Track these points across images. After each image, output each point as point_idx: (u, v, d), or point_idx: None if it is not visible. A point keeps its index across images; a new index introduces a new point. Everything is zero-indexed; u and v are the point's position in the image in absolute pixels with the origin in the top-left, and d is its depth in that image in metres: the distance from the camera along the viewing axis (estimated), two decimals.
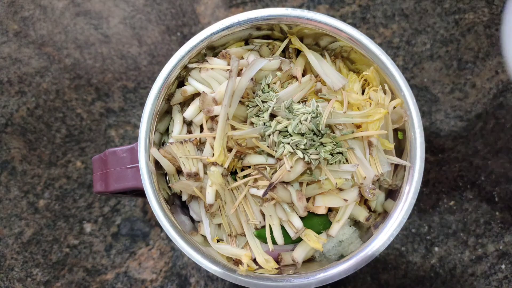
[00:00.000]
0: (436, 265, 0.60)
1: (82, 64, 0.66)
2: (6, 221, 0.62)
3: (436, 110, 0.64)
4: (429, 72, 0.64)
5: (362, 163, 0.42)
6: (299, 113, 0.40)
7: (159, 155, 0.42)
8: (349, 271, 0.40)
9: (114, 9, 0.67)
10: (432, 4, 0.66)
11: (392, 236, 0.41)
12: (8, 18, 0.67)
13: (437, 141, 0.63)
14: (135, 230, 0.62)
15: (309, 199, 0.43)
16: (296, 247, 0.44)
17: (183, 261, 0.61)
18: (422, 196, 0.62)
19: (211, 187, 0.41)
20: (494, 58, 0.64)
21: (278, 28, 0.46)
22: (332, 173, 0.40)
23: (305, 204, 0.41)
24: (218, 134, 0.40)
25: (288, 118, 0.40)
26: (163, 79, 0.43)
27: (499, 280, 0.59)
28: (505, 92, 0.64)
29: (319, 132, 0.40)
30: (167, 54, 0.66)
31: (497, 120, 0.63)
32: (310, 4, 0.67)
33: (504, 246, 0.60)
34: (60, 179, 0.63)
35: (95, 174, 0.46)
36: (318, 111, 0.40)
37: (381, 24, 0.66)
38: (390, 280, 0.60)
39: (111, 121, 0.64)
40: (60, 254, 0.61)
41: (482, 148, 0.63)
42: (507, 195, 0.61)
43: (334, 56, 0.49)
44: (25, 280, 0.60)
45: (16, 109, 0.64)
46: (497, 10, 0.65)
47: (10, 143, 0.64)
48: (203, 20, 0.67)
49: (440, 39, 0.65)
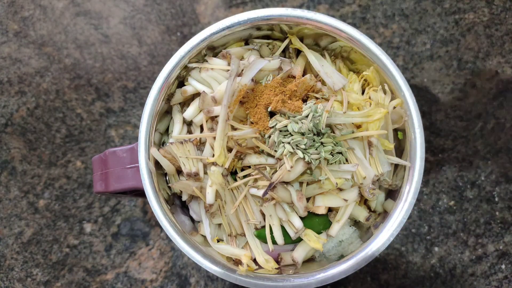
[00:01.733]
0: (436, 265, 0.60)
1: (82, 64, 0.66)
2: (6, 221, 0.62)
3: (436, 110, 0.64)
4: (429, 72, 0.64)
5: (362, 163, 0.42)
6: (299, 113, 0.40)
7: (159, 155, 0.42)
8: (349, 271, 0.40)
9: (114, 9, 0.67)
10: (432, 4, 0.66)
11: (392, 236, 0.41)
12: (8, 18, 0.67)
13: (437, 141, 0.63)
14: (135, 230, 0.62)
15: (309, 199, 0.43)
16: (296, 247, 0.44)
17: (183, 261, 0.61)
18: (422, 196, 0.62)
19: (211, 187, 0.41)
20: (494, 58, 0.64)
21: (278, 28, 0.46)
22: (332, 173, 0.40)
23: (305, 204, 0.41)
24: (218, 134, 0.40)
25: (289, 117, 0.40)
26: (163, 79, 0.43)
27: (499, 280, 0.59)
28: (505, 92, 0.64)
29: (320, 132, 0.40)
30: (167, 54, 0.66)
31: (497, 120, 0.63)
32: (310, 4, 0.67)
33: (504, 246, 0.60)
34: (60, 179, 0.63)
35: (95, 174, 0.46)
36: (318, 110, 0.40)
37: (381, 24, 0.66)
38: (390, 280, 0.60)
39: (111, 121, 0.64)
40: (60, 254, 0.61)
41: (482, 148, 0.63)
42: (507, 195, 0.61)
43: (334, 56, 0.49)
44: (25, 280, 0.60)
45: (16, 109, 0.64)
46: (497, 10, 0.65)
47: (10, 143, 0.64)
48: (203, 20, 0.67)
49: (440, 39, 0.65)
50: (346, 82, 0.44)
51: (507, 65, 0.64)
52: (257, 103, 0.42)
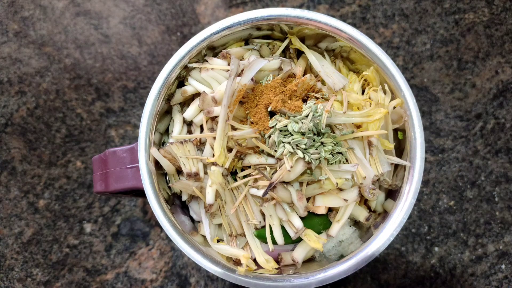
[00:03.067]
0: (436, 265, 0.60)
1: (82, 64, 0.66)
2: (6, 221, 0.62)
3: (436, 110, 0.64)
4: (429, 72, 0.64)
5: (362, 163, 0.42)
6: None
7: (159, 155, 0.42)
8: (349, 271, 0.40)
9: (114, 9, 0.67)
10: (432, 4, 0.66)
11: (392, 236, 0.41)
12: (8, 18, 0.67)
13: (437, 141, 0.63)
14: (135, 230, 0.62)
15: (309, 199, 0.43)
16: (296, 247, 0.44)
17: (183, 261, 0.61)
18: (422, 196, 0.62)
19: (211, 187, 0.41)
20: (494, 58, 0.64)
21: (278, 28, 0.46)
22: (332, 173, 0.40)
23: (305, 204, 0.41)
24: (218, 135, 0.40)
25: (289, 117, 0.40)
26: (163, 79, 0.43)
27: (499, 280, 0.59)
28: (505, 92, 0.64)
29: (320, 131, 0.40)
30: (167, 54, 0.66)
31: (497, 120, 0.63)
32: (310, 4, 0.67)
33: (504, 246, 0.60)
34: (60, 179, 0.63)
35: (95, 174, 0.46)
36: (318, 110, 0.40)
37: (381, 24, 0.66)
38: (390, 280, 0.60)
39: (111, 121, 0.64)
40: (60, 254, 0.61)
41: (482, 148, 0.63)
42: (507, 195, 0.61)
43: (334, 57, 0.49)
44: (25, 280, 0.60)
45: (16, 109, 0.64)
46: (497, 10, 0.65)
47: (10, 143, 0.64)
48: (203, 20, 0.67)
49: (440, 39, 0.65)
50: (347, 82, 0.44)
51: (507, 65, 0.64)
52: (257, 103, 0.42)
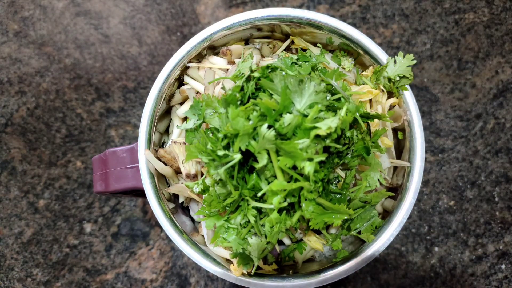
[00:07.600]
0: (436, 265, 0.60)
1: (82, 64, 0.66)
2: (6, 221, 0.62)
3: (436, 110, 0.64)
4: (429, 72, 0.64)
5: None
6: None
7: (153, 157, 0.42)
8: (349, 271, 0.40)
9: (114, 9, 0.67)
10: (432, 4, 0.66)
11: (392, 236, 0.41)
12: (8, 18, 0.67)
13: (437, 141, 0.63)
14: (135, 230, 0.62)
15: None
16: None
17: (183, 261, 0.61)
18: (422, 196, 0.62)
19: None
20: (494, 58, 0.64)
21: (279, 29, 0.46)
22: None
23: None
24: None
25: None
26: (163, 79, 0.43)
27: (499, 280, 0.59)
28: (505, 92, 0.64)
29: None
30: (167, 54, 0.66)
31: (497, 120, 0.63)
32: (310, 4, 0.67)
33: (504, 246, 0.60)
34: (60, 179, 0.63)
35: (95, 174, 0.46)
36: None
37: (381, 24, 0.66)
38: (390, 280, 0.60)
39: (111, 121, 0.64)
40: (60, 254, 0.61)
41: (482, 148, 0.63)
42: (507, 195, 0.61)
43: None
44: (25, 280, 0.60)
45: (16, 109, 0.64)
46: (497, 10, 0.65)
47: (10, 143, 0.64)
48: (203, 20, 0.67)
49: (440, 39, 0.65)
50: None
51: (507, 65, 0.64)
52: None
